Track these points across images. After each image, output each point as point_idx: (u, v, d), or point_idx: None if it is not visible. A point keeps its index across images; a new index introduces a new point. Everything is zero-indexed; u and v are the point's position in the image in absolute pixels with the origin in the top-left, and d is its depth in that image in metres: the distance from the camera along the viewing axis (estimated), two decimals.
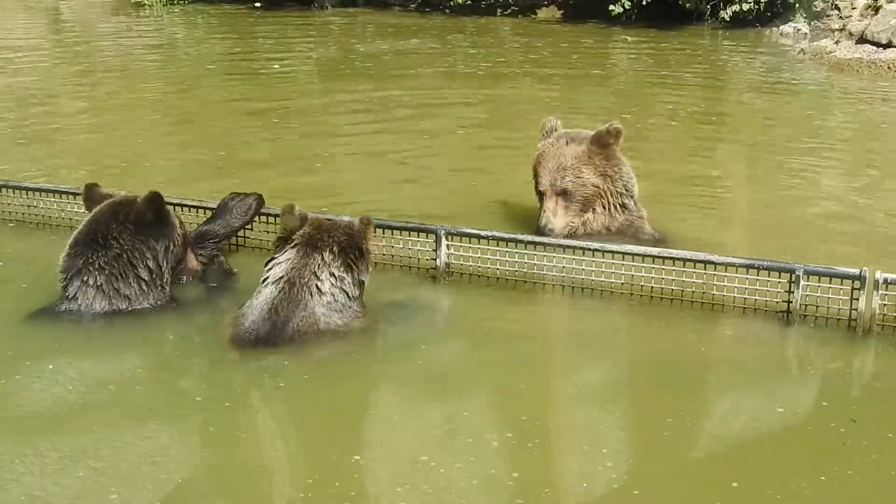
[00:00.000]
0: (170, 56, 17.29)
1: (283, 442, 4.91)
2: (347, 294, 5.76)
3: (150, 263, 6.01)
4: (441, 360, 5.64)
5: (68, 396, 5.08)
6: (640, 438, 4.81)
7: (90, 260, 5.92)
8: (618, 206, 7.14)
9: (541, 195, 7.21)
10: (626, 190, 7.15)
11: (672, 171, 9.55)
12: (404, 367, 5.50)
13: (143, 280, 5.98)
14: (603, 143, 7.08)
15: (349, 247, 5.82)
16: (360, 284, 5.87)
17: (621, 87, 14.70)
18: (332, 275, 5.72)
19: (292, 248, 5.79)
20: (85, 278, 5.90)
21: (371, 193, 8.59)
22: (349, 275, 5.78)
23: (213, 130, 11.22)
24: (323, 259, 5.74)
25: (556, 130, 7.32)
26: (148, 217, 6.05)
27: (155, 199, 6.10)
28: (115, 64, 16.30)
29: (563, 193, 7.12)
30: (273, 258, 5.84)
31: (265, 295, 5.68)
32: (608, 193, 7.11)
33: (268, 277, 5.76)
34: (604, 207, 7.14)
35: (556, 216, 7.13)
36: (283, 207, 5.91)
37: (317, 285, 5.68)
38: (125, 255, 5.95)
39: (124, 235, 5.98)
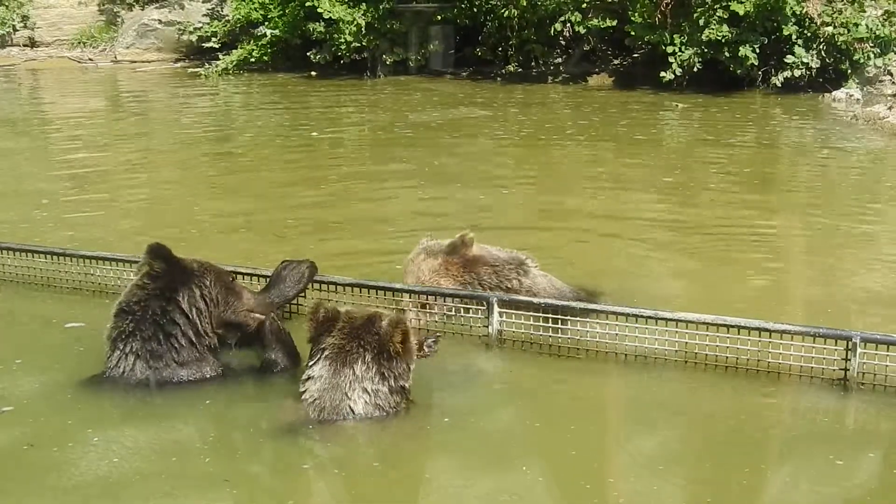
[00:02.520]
0: (224, 124, 17.56)
1: None
2: (381, 407, 5.41)
3: (180, 320, 5.93)
4: (495, 428, 5.60)
5: (123, 466, 5.09)
6: None
7: (125, 327, 5.93)
8: None
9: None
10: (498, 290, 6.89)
11: (721, 234, 9.51)
12: (458, 437, 5.46)
13: (179, 341, 5.92)
14: (457, 252, 7.00)
15: (381, 354, 5.45)
16: (401, 391, 5.51)
17: (669, 152, 14.68)
18: (366, 391, 5.39)
19: (323, 360, 5.47)
20: (122, 346, 5.91)
21: None
22: (384, 385, 5.44)
23: (267, 197, 11.34)
24: (354, 373, 5.40)
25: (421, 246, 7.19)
26: (156, 271, 6.02)
27: (153, 251, 6.05)
28: (170, 133, 16.59)
29: (425, 308, 6.93)
30: (308, 364, 5.55)
31: (304, 412, 5.45)
32: None
33: (305, 391, 5.47)
34: None
35: None
36: (311, 307, 5.67)
37: (349, 406, 5.38)
38: (154, 318, 5.91)
39: (151, 298, 5.97)
